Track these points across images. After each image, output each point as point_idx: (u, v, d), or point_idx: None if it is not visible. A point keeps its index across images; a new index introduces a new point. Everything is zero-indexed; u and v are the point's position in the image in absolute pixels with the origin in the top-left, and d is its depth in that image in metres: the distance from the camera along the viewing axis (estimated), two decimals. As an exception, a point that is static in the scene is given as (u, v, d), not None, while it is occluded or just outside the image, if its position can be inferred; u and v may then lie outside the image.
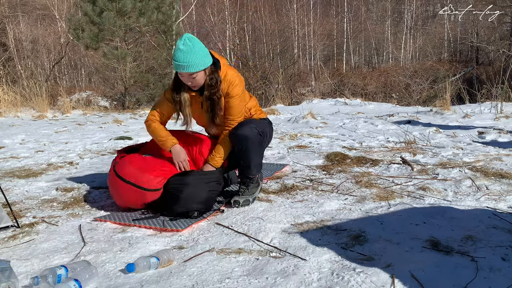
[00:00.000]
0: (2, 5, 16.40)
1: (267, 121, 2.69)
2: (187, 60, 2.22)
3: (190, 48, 2.22)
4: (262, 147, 2.58)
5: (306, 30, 25.08)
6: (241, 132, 2.42)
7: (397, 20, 29.63)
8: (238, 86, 2.42)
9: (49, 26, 18.84)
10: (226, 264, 1.74)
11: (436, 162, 3.38)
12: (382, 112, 7.80)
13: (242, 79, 2.51)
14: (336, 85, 16.52)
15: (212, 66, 2.35)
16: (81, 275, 1.59)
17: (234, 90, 2.40)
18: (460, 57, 24.95)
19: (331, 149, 4.15)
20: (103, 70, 11.59)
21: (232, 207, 2.44)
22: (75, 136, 5.99)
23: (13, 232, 2.16)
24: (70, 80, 22.77)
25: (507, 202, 2.37)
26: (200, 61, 2.25)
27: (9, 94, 9.61)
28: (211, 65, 2.35)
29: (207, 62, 2.30)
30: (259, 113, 2.68)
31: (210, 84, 2.35)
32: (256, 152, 2.48)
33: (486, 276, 1.56)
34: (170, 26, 11.58)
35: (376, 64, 27.13)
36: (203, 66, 2.28)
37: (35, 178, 3.33)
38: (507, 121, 5.70)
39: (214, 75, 2.34)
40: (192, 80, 2.31)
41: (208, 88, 2.36)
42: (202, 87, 2.40)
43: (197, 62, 2.24)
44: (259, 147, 2.51)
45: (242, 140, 2.42)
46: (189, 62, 2.22)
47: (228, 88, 2.40)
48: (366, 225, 2.10)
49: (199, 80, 2.33)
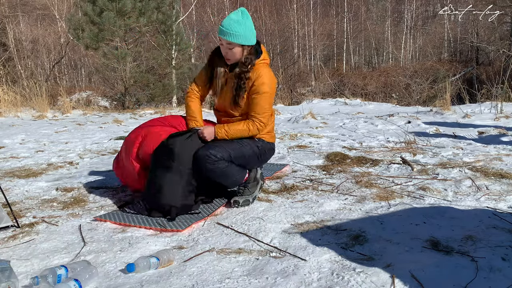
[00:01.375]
0: (2, 5, 16.39)
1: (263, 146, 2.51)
2: (231, 28, 2.24)
3: (240, 20, 2.25)
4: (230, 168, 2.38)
5: (306, 30, 25.07)
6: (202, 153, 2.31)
7: (397, 20, 29.62)
8: (269, 82, 2.36)
9: (49, 26, 18.83)
10: (226, 264, 1.74)
11: (436, 162, 3.38)
12: (382, 112, 7.80)
13: (275, 80, 2.45)
14: (336, 85, 16.52)
15: (253, 50, 2.35)
16: (81, 275, 1.59)
17: (264, 86, 2.35)
18: (460, 57, 24.94)
19: (331, 149, 4.15)
20: (103, 70, 11.59)
21: (232, 207, 2.44)
22: (75, 136, 5.99)
23: (13, 232, 2.16)
24: (70, 80, 22.77)
25: (507, 202, 2.37)
26: (244, 35, 2.26)
27: (9, 94, 9.62)
28: (253, 49, 2.34)
29: (249, 41, 2.30)
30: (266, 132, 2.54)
31: (244, 62, 2.34)
32: (223, 174, 2.36)
33: (486, 276, 1.55)
34: (170, 26, 11.59)
35: (376, 64, 27.12)
36: (243, 41, 2.28)
37: (35, 178, 3.33)
38: (507, 121, 5.70)
39: (251, 57, 2.34)
40: (229, 51, 2.32)
41: (241, 65, 2.35)
42: (234, 65, 2.39)
43: (240, 34, 2.25)
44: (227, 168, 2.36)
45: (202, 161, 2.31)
46: (232, 31, 2.24)
47: (255, 81, 2.34)
48: (366, 225, 2.10)
49: (235, 54, 2.32)
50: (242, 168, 2.48)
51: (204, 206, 2.45)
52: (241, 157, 2.43)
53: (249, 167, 2.54)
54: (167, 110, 8.65)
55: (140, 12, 10.64)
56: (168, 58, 11.87)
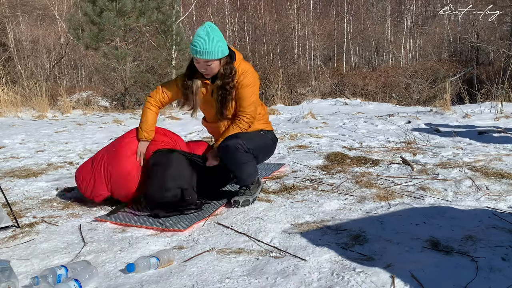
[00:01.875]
0: (2, 5, 16.39)
1: (269, 135, 2.62)
2: (205, 47, 2.27)
3: (210, 36, 2.27)
4: (249, 160, 2.47)
5: (306, 30, 25.06)
6: (225, 143, 2.41)
7: (397, 20, 29.61)
8: (250, 76, 2.42)
9: (49, 26, 18.83)
10: (226, 264, 1.74)
11: (436, 162, 3.38)
12: (382, 112, 7.79)
13: (256, 73, 2.51)
14: (336, 85, 16.51)
15: (228, 57, 2.38)
16: (81, 275, 1.59)
17: (245, 80, 2.40)
18: (460, 57, 24.93)
19: (331, 149, 4.15)
20: (103, 70, 11.59)
21: (232, 207, 2.44)
22: (75, 136, 5.99)
23: (13, 232, 2.16)
24: (70, 80, 22.76)
25: (507, 202, 2.37)
26: (218, 49, 2.29)
27: (9, 94, 9.61)
28: (227, 56, 2.37)
29: (224, 52, 2.34)
30: (264, 123, 2.62)
31: (224, 73, 2.37)
32: (242, 165, 2.44)
33: (486, 276, 1.55)
34: (170, 26, 11.58)
35: (376, 64, 27.11)
36: (219, 55, 2.32)
37: (35, 178, 3.33)
38: (507, 121, 5.69)
39: (229, 66, 2.38)
40: (207, 67, 2.35)
41: (221, 77, 2.39)
42: (214, 76, 2.42)
43: (215, 50, 2.28)
44: (246, 159, 2.44)
45: (226, 152, 2.40)
46: (206, 49, 2.27)
47: (239, 78, 2.41)
48: (366, 225, 2.10)
49: (213, 69, 2.36)
50: (256, 166, 2.55)
51: (204, 206, 2.45)
52: (260, 148, 2.52)
53: (261, 159, 2.62)
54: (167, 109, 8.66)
55: (140, 12, 10.64)
56: (168, 58, 11.87)
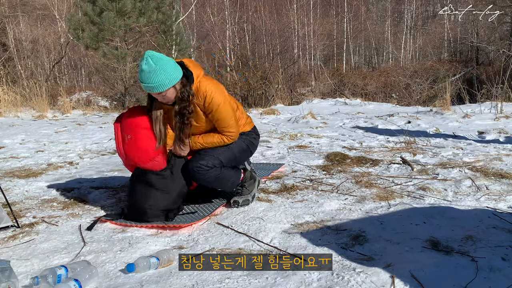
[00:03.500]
0: (2, 5, 16.38)
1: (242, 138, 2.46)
2: (151, 81, 2.08)
3: (153, 68, 2.07)
4: (218, 173, 2.34)
5: (306, 30, 25.04)
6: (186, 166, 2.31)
7: (397, 20, 29.60)
8: (217, 94, 2.23)
9: (49, 26, 18.82)
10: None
11: (436, 162, 3.38)
12: (382, 112, 7.79)
13: (221, 86, 2.32)
14: (336, 85, 16.50)
15: (184, 79, 2.18)
16: (81, 275, 1.59)
17: (213, 101, 2.21)
18: (460, 57, 24.92)
19: (331, 149, 4.15)
20: (103, 70, 11.58)
21: (232, 207, 2.44)
22: (75, 136, 5.99)
23: (13, 232, 2.16)
24: (70, 80, 22.75)
25: (507, 202, 2.37)
26: (166, 79, 2.09)
27: (9, 94, 9.61)
28: (183, 78, 2.18)
29: (174, 78, 2.13)
30: (246, 123, 2.53)
31: (182, 98, 2.19)
32: (214, 182, 2.35)
33: (486, 276, 1.55)
34: (170, 26, 11.58)
35: (376, 64, 27.10)
36: (169, 84, 2.12)
37: (35, 178, 3.33)
38: (507, 121, 5.70)
39: (186, 89, 2.19)
40: (163, 97, 2.17)
41: (178, 102, 2.21)
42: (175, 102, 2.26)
43: (162, 81, 2.09)
44: (215, 174, 2.33)
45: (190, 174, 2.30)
46: (154, 83, 2.08)
47: (205, 101, 2.22)
48: (366, 225, 2.10)
49: (169, 96, 2.17)
50: (236, 169, 2.48)
51: (204, 206, 2.45)
52: (232, 158, 2.40)
53: (240, 164, 2.54)
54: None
55: (140, 12, 10.64)
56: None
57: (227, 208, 2.44)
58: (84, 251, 1.92)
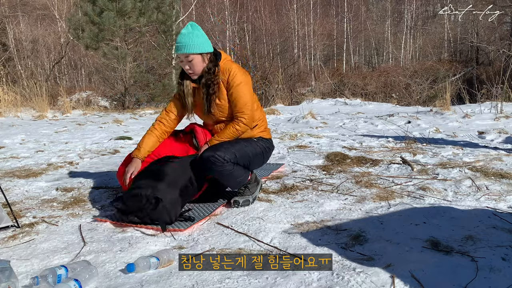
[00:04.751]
0: (2, 5, 16.39)
1: (260, 143, 2.53)
2: (184, 41, 2.31)
3: (190, 32, 2.32)
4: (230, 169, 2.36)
5: (306, 30, 25.05)
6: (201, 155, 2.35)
7: (397, 20, 29.61)
8: (240, 73, 2.40)
9: (49, 26, 18.83)
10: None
11: (436, 162, 3.38)
12: (382, 112, 7.80)
13: (246, 72, 2.51)
14: (336, 85, 16.50)
15: (213, 56, 2.39)
16: (81, 275, 1.59)
17: (235, 79, 2.39)
18: (460, 57, 24.92)
19: (331, 149, 4.15)
20: (103, 70, 11.59)
21: (232, 207, 2.44)
22: (75, 136, 5.99)
23: (13, 232, 2.16)
24: (70, 80, 22.76)
25: (507, 202, 2.37)
26: (197, 44, 2.31)
27: (9, 94, 9.61)
28: (212, 55, 2.38)
29: (205, 48, 2.35)
30: (263, 130, 2.58)
31: (208, 70, 2.38)
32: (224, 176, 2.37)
33: (486, 276, 1.55)
34: (170, 26, 11.59)
35: (376, 64, 27.09)
36: (199, 49, 2.32)
37: (35, 178, 3.33)
38: (507, 121, 5.70)
39: (213, 63, 2.39)
40: (189, 64, 2.35)
41: (205, 74, 2.39)
42: (201, 77, 2.42)
43: (194, 44, 2.31)
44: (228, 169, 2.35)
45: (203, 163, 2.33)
46: (186, 43, 2.30)
47: (229, 76, 2.39)
48: (366, 225, 2.10)
49: (196, 65, 2.36)
50: (246, 170, 2.49)
51: (204, 206, 2.45)
52: (246, 157, 2.44)
53: (252, 167, 2.55)
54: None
55: (140, 12, 10.64)
56: (168, 58, 11.87)
57: (227, 208, 2.44)
58: (84, 251, 1.92)
